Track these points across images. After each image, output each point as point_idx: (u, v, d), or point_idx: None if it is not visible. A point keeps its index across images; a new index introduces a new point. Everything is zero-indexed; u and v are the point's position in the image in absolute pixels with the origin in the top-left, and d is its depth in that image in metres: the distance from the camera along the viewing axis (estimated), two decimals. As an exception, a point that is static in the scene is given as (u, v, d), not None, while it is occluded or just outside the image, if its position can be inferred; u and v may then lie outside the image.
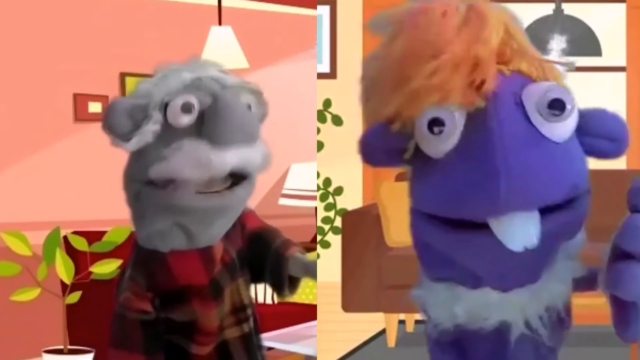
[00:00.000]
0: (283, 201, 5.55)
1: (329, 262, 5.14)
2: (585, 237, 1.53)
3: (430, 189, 1.37)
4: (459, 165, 1.32)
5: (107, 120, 1.75)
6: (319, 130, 5.66)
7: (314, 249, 5.33)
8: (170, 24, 5.15)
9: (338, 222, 5.55)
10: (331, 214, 5.78)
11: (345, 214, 4.65)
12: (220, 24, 4.44)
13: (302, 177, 5.54)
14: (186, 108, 1.73)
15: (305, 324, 3.85)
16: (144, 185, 1.77)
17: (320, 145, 5.67)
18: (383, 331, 4.39)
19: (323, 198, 5.76)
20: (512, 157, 1.29)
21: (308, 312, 4.19)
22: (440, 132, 1.34)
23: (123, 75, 4.96)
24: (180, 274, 1.89)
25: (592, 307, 2.07)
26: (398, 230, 4.24)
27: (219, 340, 1.99)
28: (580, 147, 1.39)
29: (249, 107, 1.82)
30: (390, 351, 4.25)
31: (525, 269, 1.42)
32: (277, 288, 2.08)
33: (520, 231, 1.32)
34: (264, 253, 2.07)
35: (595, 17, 5.64)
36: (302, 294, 4.81)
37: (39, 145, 4.74)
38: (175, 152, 1.71)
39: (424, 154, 1.38)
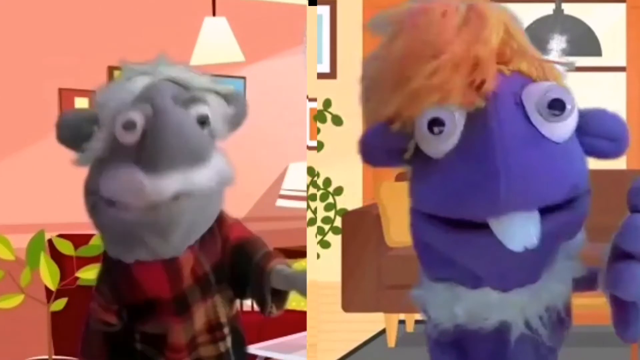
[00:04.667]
0: (281, 202, 5.54)
1: (329, 262, 5.14)
2: (585, 237, 1.53)
3: (430, 189, 1.37)
4: (459, 165, 1.32)
5: (56, 134, 1.76)
6: (319, 130, 5.65)
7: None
8: (162, 15, 4.92)
9: (338, 222, 5.55)
10: (331, 214, 5.77)
11: (345, 214, 4.64)
12: (214, 14, 4.25)
13: (302, 177, 5.53)
14: (128, 126, 1.67)
15: (302, 333, 3.82)
16: (98, 199, 1.74)
17: (320, 145, 5.67)
18: (383, 331, 4.39)
19: (323, 198, 5.76)
20: (512, 157, 1.29)
21: (302, 320, 4.15)
22: (440, 132, 1.34)
23: (111, 69, 4.64)
24: (145, 285, 1.85)
25: (592, 307, 2.07)
26: (398, 230, 4.24)
27: (192, 357, 1.93)
28: (580, 147, 1.39)
29: (204, 120, 1.73)
30: (390, 351, 4.25)
31: (525, 269, 1.42)
32: (260, 304, 1.99)
33: (520, 231, 1.32)
34: (246, 267, 1.98)
35: (595, 17, 5.64)
36: (293, 301, 4.75)
37: (23, 143, 4.52)
38: (111, 177, 1.67)
39: (424, 154, 1.38)
